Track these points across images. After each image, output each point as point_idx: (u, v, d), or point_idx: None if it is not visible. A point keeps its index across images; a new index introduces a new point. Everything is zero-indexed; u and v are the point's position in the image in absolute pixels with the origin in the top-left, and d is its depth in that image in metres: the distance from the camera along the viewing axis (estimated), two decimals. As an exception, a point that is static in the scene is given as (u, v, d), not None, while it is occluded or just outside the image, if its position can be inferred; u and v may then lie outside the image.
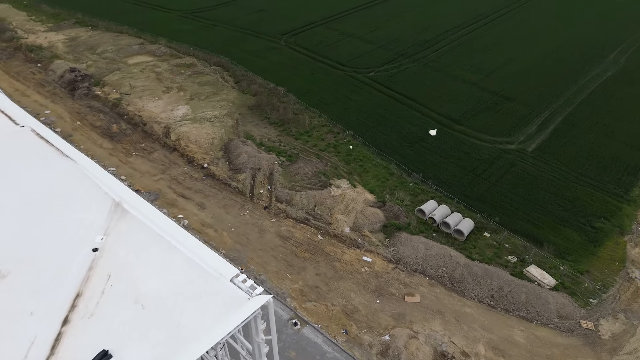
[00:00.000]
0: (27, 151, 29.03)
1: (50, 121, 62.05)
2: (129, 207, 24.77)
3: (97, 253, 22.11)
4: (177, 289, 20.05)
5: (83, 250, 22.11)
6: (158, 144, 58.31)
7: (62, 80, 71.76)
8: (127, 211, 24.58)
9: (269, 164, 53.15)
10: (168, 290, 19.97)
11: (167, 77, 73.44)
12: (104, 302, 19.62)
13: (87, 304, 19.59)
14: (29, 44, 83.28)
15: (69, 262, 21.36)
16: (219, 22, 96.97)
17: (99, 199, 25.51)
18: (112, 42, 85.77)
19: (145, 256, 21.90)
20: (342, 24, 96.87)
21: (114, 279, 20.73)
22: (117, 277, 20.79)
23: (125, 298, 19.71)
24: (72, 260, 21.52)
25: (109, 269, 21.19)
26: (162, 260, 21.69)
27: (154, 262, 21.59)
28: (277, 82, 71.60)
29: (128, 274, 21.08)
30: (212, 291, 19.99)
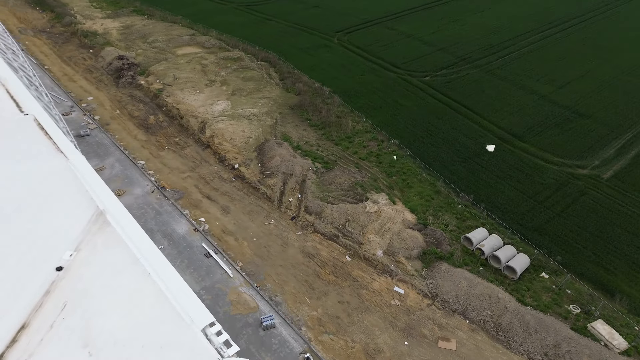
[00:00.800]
0: (19, 143, 26.35)
1: (91, 108, 61.34)
2: (112, 218, 21.12)
3: (60, 273, 18.65)
4: (137, 333, 16.11)
5: (46, 268, 18.85)
6: (192, 140, 55.73)
7: (109, 67, 71.39)
8: (108, 223, 20.99)
9: (302, 169, 48.88)
10: (126, 334, 16.11)
11: (212, 70, 71.18)
12: (48, 340, 16.03)
13: (30, 340, 16.07)
14: (84, 29, 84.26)
15: (25, 281, 18.15)
16: (273, 16, 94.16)
17: (82, 205, 22.13)
18: (164, 31, 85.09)
19: (113, 284, 18.20)
20: (401, 24, 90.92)
21: (69, 310, 17.12)
22: (73, 308, 17.18)
23: (73, 338, 16.07)
24: (30, 279, 18.31)
25: (67, 296, 17.63)
26: (130, 291, 17.92)
27: (121, 293, 17.82)
28: (324, 81, 67.23)
29: (87, 305, 17.45)
30: (178, 342, 15.92)
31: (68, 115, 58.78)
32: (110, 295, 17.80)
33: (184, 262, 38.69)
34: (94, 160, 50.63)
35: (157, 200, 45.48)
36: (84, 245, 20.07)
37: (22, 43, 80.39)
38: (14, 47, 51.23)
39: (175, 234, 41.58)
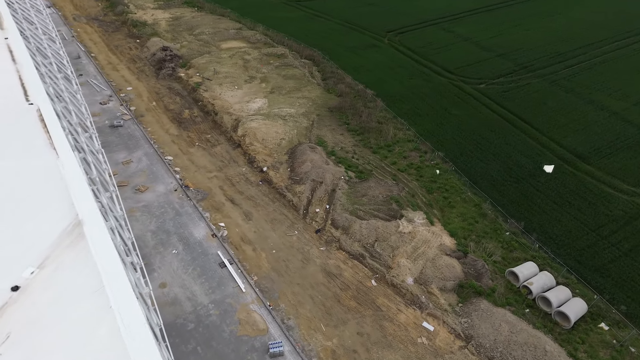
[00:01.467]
0: (12, 135, 24.31)
1: (129, 98, 60.50)
2: (89, 231, 18.34)
3: (14, 294, 16.10)
4: (78, 383, 13.19)
5: (1, 286, 16.37)
6: (224, 137, 53.35)
7: (153, 58, 70.70)
8: (83, 236, 18.28)
9: (334, 178, 45.12)
10: (66, 384, 13.23)
11: (253, 66, 68.79)
12: (-24, 382, 13.45)
13: (-44, 379, 13.62)
14: (134, 19, 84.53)
15: (-26, 301, 15.71)
16: (324, 13, 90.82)
17: (60, 211, 19.53)
18: (211, 24, 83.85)
19: (68, 315, 15.38)
20: (459, 25, 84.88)
21: (11, 344, 14.45)
22: (15, 343, 14.47)
23: (4, 383, 13.40)
24: (-20, 299, 15.88)
25: (12, 326, 15.02)
26: (85, 327, 15.05)
27: (74, 328, 14.95)
28: (368, 83, 63.03)
29: (31, 340, 14.71)
30: (121, 403, 12.83)
31: (105, 105, 58.19)
32: (62, 329, 14.94)
33: (196, 270, 36.02)
34: (122, 152, 49.31)
35: (178, 200, 43.27)
36: (49, 262, 17.37)
37: (74, 30, 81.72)
38: (53, 33, 50.77)
39: (192, 238, 39.08)
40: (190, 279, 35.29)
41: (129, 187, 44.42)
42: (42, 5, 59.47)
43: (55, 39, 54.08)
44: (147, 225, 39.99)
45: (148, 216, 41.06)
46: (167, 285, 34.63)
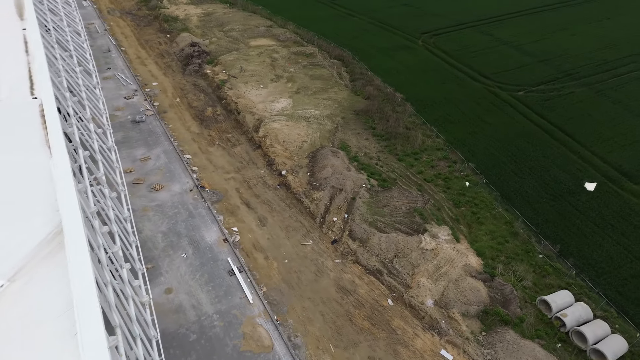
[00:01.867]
0: (9, 130, 23.14)
1: (153, 93, 59.92)
2: (69, 242, 16.75)
3: (-23, 310, 14.73)
4: None
5: (-34, 300, 15.01)
6: (245, 138, 51.83)
7: (181, 53, 70.10)
8: (62, 247, 16.75)
9: (354, 185, 42.77)
10: None
11: (281, 65, 67.11)
12: None
13: None
14: (166, 14, 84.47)
15: None
16: (357, 12, 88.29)
17: (43, 216, 18.11)
18: (242, 21, 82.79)
19: (28, 340, 13.81)
20: (499, 29, 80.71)
21: (-41, 371, 13.04)
22: (-35, 370, 13.09)
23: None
24: (-59, 313, 14.52)
25: (-34, 349, 13.58)
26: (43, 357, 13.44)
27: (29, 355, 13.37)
28: (398, 86, 60.23)
29: (-16, 367, 13.31)
30: None
31: (130, 99, 57.75)
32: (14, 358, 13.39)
33: (204, 277, 34.46)
34: (141, 149, 48.48)
35: (193, 201, 41.93)
36: (21, 275, 15.90)
37: (107, 23, 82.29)
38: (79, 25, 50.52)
39: (203, 242, 37.58)
40: (197, 286, 33.75)
41: (144, 184, 43.42)
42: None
43: (80, 31, 53.76)
44: (158, 226, 38.78)
45: (160, 216, 39.87)
46: (173, 291, 33.20)
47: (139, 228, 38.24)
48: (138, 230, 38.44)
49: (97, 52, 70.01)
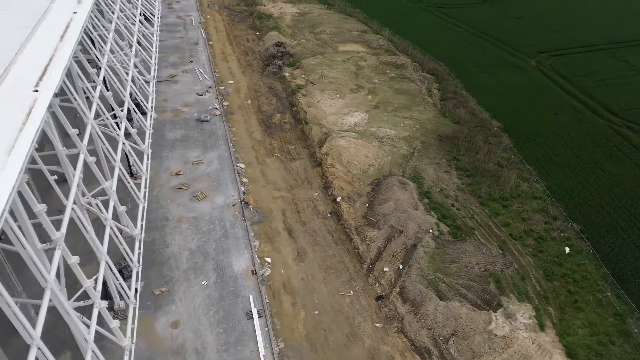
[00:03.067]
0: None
1: (226, 92, 57.12)
2: None
3: None
4: None
5: None
6: (306, 152, 46.53)
7: (265, 52, 66.98)
8: None
9: (419, 229, 35.22)
10: None
11: (365, 74, 60.89)
12: None
13: None
14: (261, 11, 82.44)
15: None
16: (462, 23, 79.02)
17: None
18: (335, 23, 77.88)
19: None
20: (636, 55, 66.54)
21: None
22: None
23: None
24: None
25: None
26: None
27: None
28: (496, 112, 50.90)
29: None
30: None
31: (202, 96, 55.42)
32: None
33: (218, 314, 29.56)
34: (197, 151, 45.33)
35: (232, 218, 37.46)
36: None
37: (204, 17, 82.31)
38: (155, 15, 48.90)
39: (229, 269, 32.79)
40: (207, 325, 28.93)
41: (188, 191, 39.93)
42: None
43: (153, 21, 52.08)
44: (188, 242, 34.78)
45: (193, 231, 35.89)
46: (179, 326, 28.73)
47: (168, 241, 34.62)
48: (165, 243, 34.94)
49: (186, 44, 69.63)
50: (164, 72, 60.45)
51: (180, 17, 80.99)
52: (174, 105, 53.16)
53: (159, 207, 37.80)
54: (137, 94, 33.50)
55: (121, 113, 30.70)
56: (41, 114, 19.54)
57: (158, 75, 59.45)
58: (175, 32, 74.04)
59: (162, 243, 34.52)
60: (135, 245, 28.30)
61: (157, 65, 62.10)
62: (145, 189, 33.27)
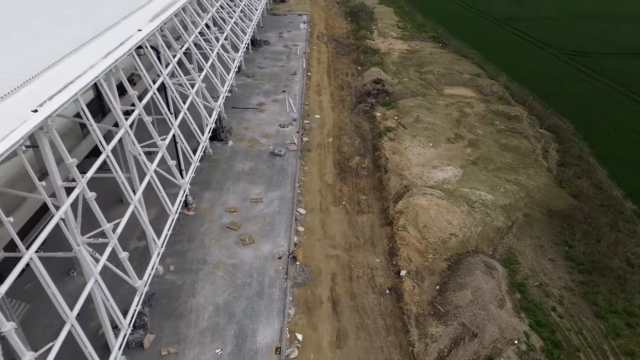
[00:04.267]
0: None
1: (310, 127, 53.34)
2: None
3: None
4: None
5: None
6: (378, 206, 40.09)
7: (362, 89, 62.47)
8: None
9: (499, 336, 26.54)
10: None
11: (469, 123, 52.86)
12: None
13: None
14: (369, 45, 78.61)
15: None
16: (604, 76, 66.63)
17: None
18: (446, 64, 70.84)
19: None
20: None
21: None
22: None
23: None
24: None
25: None
26: None
27: None
28: (633, 192, 39.51)
29: None
30: None
31: (283, 128, 52.26)
32: None
33: (221, 397, 24.30)
34: (260, 186, 41.55)
35: (274, 273, 32.36)
36: None
37: (310, 47, 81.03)
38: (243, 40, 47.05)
39: (251, 340, 27.48)
40: (205, 409, 23.74)
41: (236, 233, 35.91)
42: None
43: (240, 46, 50.19)
44: (217, 295, 30.35)
45: (227, 282, 31.44)
46: (172, 402, 23.98)
47: (197, 289, 30.56)
48: (194, 292, 30.85)
49: (284, 73, 68.13)
50: (254, 100, 58.86)
51: (287, 45, 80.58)
52: (254, 134, 50.58)
53: (201, 247, 34.18)
54: (190, 121, 30.57)
55: (160, 142, 27.58)
56: (20, 134, 16.42)
57: (247, 102, 58.03)
58: (278, 61, 73.25)
59: (191, 291, 30.52)
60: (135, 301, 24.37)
61: (250, 92, 60.95)
62: (169, 230, 29.45)
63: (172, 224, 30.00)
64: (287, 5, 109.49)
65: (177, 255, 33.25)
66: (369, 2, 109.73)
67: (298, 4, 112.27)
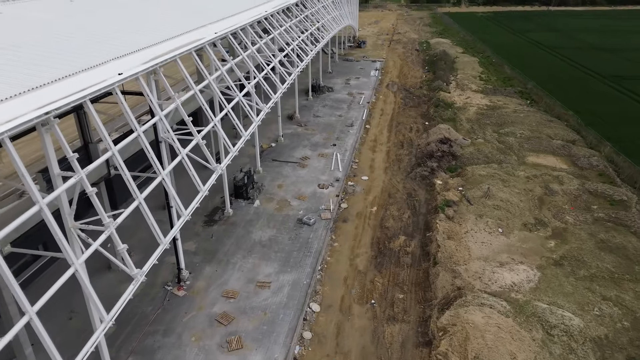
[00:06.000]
0: None
1: (352, 191, 45.31)
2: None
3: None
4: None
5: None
6: (417, 313, 30.35)
7: (425, 148, 53.48)
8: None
9: None
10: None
11: (556, 205, 41.49)
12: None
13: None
14: (442, 98, 69.63)
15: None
16: None
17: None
18: (533, 125, 59.59)
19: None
20: None
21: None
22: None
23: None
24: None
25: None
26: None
27: None
28: None
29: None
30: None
31: (323, 189, 44.83)
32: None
33: None
34: (272, 265, 33.90)
35: (255, 400, 23.99)
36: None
37: (377, 96, 74.06)
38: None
39: None
40: None
41: (224, 330, 28.25)
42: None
43: (274, 96, 44.56)
44: None
45: (190, 405, 23.62)
46: None
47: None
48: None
49: (340, 124, 61.47)
50: (299, 152, 52.39)
51: (352, 93, 74.32)
52: (286, 194, 43.60)
53: (176, 346, 26.86)
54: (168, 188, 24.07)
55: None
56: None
57: (290, 155, 51.87)
58: (337, 109, 66.93)
59: None
60: None
61: (297, 143, 54.76)
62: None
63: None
64: (362, 51, 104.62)
65: (143, 353, 26.22)
66: (452, 51, 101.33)
67: (375, 49, 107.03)
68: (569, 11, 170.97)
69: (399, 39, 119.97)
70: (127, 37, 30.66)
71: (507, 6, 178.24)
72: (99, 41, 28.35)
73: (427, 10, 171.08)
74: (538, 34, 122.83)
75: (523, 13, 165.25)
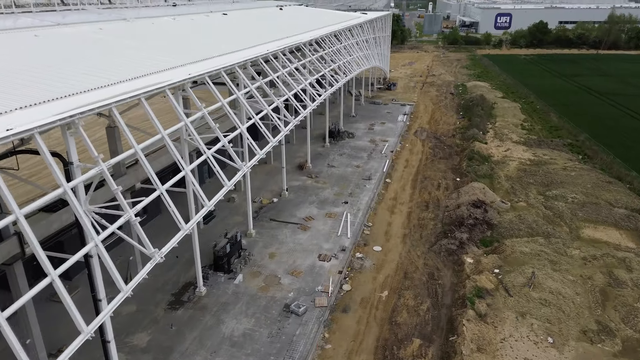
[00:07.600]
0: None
1: (360, 265, 36.76)
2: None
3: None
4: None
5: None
6: None
7: (454, 211, 44.61)
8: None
9: None
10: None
11: (625, 301, 31.49)
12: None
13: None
14: (477, 149, 60.75)
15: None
16: None
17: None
18: (588, 187, 49.63)
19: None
20: None
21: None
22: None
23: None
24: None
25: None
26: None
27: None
28: None
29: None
30: None
31: (323, 261, 36.65)
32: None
33: None
34: (239, 375, 25.57)
35: None
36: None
37: (402, 144, 66.09)
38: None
39: None
40: None
41: None
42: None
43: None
44: None
45: None
46: None
47: None
48: None
49: (357, 176, 53.68)
50: (303, 211, 44.71)
51: (374, 140, 66.78)
52: (277, 267, 35.64)
53: None
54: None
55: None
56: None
57: (292, 214, 44.35)
58: (355, 159, 59.31)
59: None
60: None
61: (302, 199, 47.36)
62: None
63: None
64: (392, 94, 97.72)
65: None
66: (490, 95, 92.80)
67: (405, 92, 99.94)
68: (621, 55, 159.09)
69: (432, 81, 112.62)
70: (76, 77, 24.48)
71: (553, 49, 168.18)
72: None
73: (466, 52, 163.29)
74: (587, 79, 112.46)
75: (570, 56, 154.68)
